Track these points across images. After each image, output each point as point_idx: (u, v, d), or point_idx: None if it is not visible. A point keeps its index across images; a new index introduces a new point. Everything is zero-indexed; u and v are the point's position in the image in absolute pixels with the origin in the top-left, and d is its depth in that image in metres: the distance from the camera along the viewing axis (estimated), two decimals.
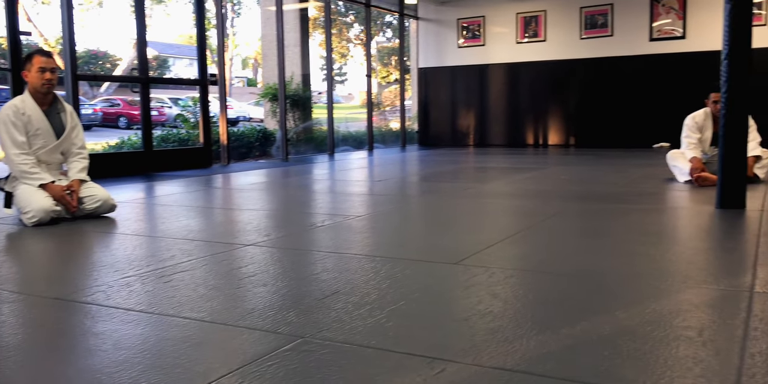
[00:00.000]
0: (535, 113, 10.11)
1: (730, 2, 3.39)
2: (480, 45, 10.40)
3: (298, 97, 9.69)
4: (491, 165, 7.11)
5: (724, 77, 3.43)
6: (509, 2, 9.99)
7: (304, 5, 10.48)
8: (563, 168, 6.32)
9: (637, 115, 9.18)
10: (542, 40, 9.90)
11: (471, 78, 10.55)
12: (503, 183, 5.13)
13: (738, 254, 2.47)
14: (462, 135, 10.73)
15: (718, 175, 3.50)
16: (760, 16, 8.47)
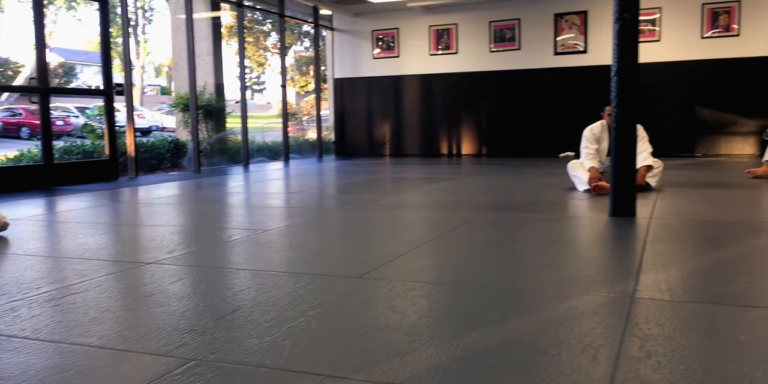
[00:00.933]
0: (449, 124, 10.34)
1: (618, 22, 3.60)
2: (394, 56, 10.56)
3: (212, 107, 9.50)
4: (405, 175, 7.21)
5: (614, 92, 3.63)
6: (422, 15, 10.20)
7: (216, 14, 10.31)
8: (473, 178, 6.50)
9: (544, 126, 9.56)
10: (454, 52, 10.15)
11: (386, 89, 10.68)
12: (415, 194, 5.21)
13: (624, 261, 2.62)
14: (378, 145, 10.84)
15: (611, 185, 3.70)
16: (654, 32, 9.02)
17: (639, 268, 2.42)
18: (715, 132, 8.87)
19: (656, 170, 4.92)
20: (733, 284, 2.17)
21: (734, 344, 1.58)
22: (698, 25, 8.82)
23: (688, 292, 2.08)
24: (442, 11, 10.06)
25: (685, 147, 8.98)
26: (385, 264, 2.57)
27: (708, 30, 8.80)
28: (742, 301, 1.97)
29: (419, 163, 8.86)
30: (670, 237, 3.07)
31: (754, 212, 3.88)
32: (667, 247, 2.82)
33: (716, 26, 8.78)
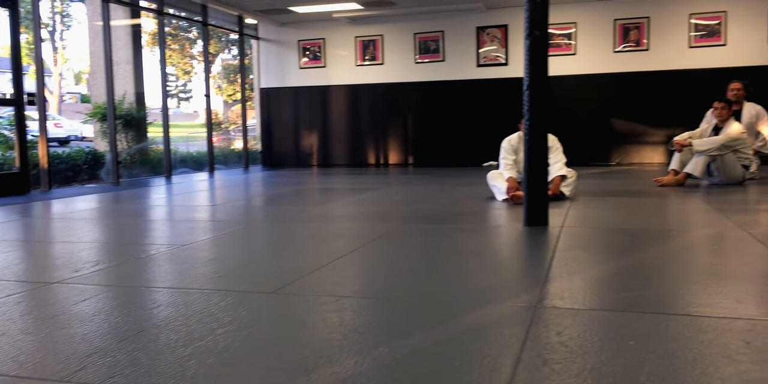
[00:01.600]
0: (376, 134, 10.43)
1: (528, 38, 3.74)
2: (321, 66, 10.57)
3: (131, 116, 9.23)
4: (331, 186, 7.22)
5: (527, 106, 3.76)
6: (348, 26, 10.26)
7: (135, 21, 10.05)
8: (398, 188, 6.57)
9: (468, 136, 9.78)
10: (380, 63, 10.26)
11: (313, 99, 10.67)
12: (339, 205, 5.23)
13: (534, 271, 2.71)
14: (306, 155, 10.80)
15: (524, 195, 3.82)
16: (570, 46, 9.40)
17: (546, 277, 2.51)
18: (628, 142, 9.31)
19: (570, 180, 5.11)
20: (632, 291, 2.28)
21: (625, 350, 1.66)
22: (611, 39, 9.25)
23: (589, 300, 2.17)
24: (368, 22, 10.16)
25: (600, 156, 9.37)
26: (301, 278, 2.57)
27: (620, 44, 9.24)
28: (639, 307, 2.07)
29: (346, 174, 8.89)
30: (578, 245, 3.19)
31: (659, 220, 4.09)
32: (574, 255, 2.94)
33: (627, 41, 9.24)
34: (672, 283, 2.40)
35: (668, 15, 8.99)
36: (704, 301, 2.14)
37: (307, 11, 9.57)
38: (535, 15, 3.68)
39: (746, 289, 2.27)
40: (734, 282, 2.38)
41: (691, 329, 1.83)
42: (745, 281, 2.38)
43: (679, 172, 5.90)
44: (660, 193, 5.47)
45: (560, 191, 5.01)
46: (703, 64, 8.85)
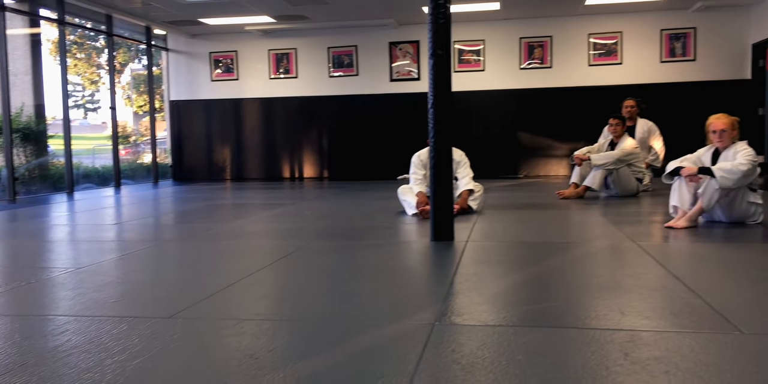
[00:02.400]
0: (290, 147, 10.37)
1: (432, 58, 3.84)
2: (234, 79, 10.43)
3: (30, 130, 8.77)
4: (243, 201, 7.11)
5: (432, 123, 3.85)
6: (261, 38, 10.19)
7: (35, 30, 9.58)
8: (311, 203, 6.55)
9: (383, 149, 9.88)
10: (294, 76, 10.23)
11: (226, 111, 10.50)
12: (249, 221, 5.15)
13: (436, 287, 2.76)
14: (218, 169, 10.59)
15: (431, 211, 3.90)
16: (480, 62, 9.70)
17: (448, 293, 2.57)
18: (535, 155, 9.68)
19: (477, 194, 5.26)
20: (528, 305, 2.37)
21: (515, 365, 1.72)
22: (517, 56, 9.61)
23: (486, 315, 2.24)
24: (281, 36, 10.12)
25: (509, 169, 9.69)
26: (202, 300, 2.51)
27: (525, 61, 9.62)
28: (532, 321, 2.15)
29: (260, 188, 8.77)
30: (481, 260, 3.29)
31: (558, 233, 4.27)
32: (476, 270, 3.02)
33: (532, 58, 9.63)
34: (565, 296, 2.51)
35: (569, 34, 9.44)
36: (592, 313, 2.26)
37: (219, 23, 9.44)
38: (438, 35, 3.79)
39: (630, 300, 2.40)
40: (621, 294, 2.51)
41: (578, 342, 1.92)
42: (630, 293, 2.53)
43: (579, 185, 6.19)
44: (561, 205, 5.71)
45: (468, 205, 5.14)
46: (601, 82, 9.34)
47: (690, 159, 4.33)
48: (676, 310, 2.26)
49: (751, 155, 4.03)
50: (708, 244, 3.70)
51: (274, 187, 8.89)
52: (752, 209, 4.17)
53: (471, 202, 5.18)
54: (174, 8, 8.40)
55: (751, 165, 3.98)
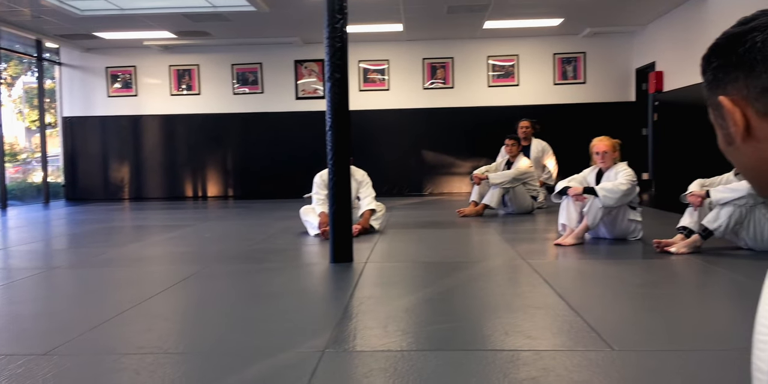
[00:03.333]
0: (193, 165, 10.11)
1: (330, 81, 3.87)
2: (132, 95, 10.08)
3: None
4: (140, 223, 6.85)
5: (330, 145, 3.88)
6: (161, 54, 9.92)
7: None
8: (212, 223, 6.40)
9: (289, 168, 9.80)
10: (197, 93, 10.02)
11: (124, 129, 10.12)
12: (145, 245, 4.97)
13: (330, 312, 2.76)
14: (116, 188, 10.17)
15: (330, 233, 3.91)
16: (384, 81, 9.86)
17: (342, 318, 2.57)
18: (439, 173, 9.90)
19: (379, 213, 5.32)
20: (419, 327, 2.41)
21: None
22: (420, 76, 9.85)
23: (375, 340, 2.26)
24: (183, 51, 9.90)
25: (414, 187, 9.87)
26: (82, 334, 2.39)
27: (428, 81, 9.87)
28: (419, 344, 2.19)
29: (160, 208, 8.48)
30: (378, 282, 3.32)
31: (455, 252, 4.37)
32: (372, 292, 3.05)
33: (435, 78, 9.89)
34: (455, 317, 2.57)
35: (470, 56, 9.77)
36: (479, 334, 2.32)
37: (116, 38, 9.11)
38: (335, 59, 3.83)
39: (516, 320, 2.50)
40: (507, 313, 2.60)
41: (462, 364, 1.97)
42: (516, 312, 2.62)
43: (478, 203, 6.38)
44: (462, 223, 5.86)
45: (370, 225, 5.19)
46: (500, 102, 9.71)
47: (576, 179, 4.57)
48: (556, 329, 2.37)
49: (630, 175, 4.30)
50: (592, 261, 3.90)
51: (175, 206, 8.61)
52: (633, 226, 4.44)
53: (373, 222, 5.23)
54: (67, 22, 8.04)
55: (631, 184, 4.25)
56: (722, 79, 0.69)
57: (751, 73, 0.66)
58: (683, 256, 3.77)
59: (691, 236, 3.87)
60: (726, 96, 0.68)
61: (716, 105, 0.70)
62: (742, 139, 0.68)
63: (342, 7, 3.75)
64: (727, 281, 3.29)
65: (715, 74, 0.70)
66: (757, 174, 0.70)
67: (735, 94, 0.68)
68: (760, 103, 0.66)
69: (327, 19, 3.77)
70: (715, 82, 0.70)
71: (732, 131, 0.69)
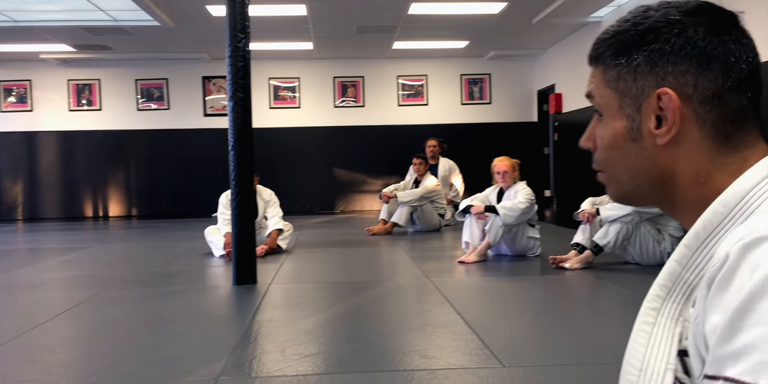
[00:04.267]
0: (94, 184, 9.67)
1: (232, 100, 3.83)
2: (27, 110, 9.56)
3: None
4: (33, 245, 6.47)
5: (233, 165, 3.82)
6: (58, 68, 9.47)
7: None
8: (112, 245, 6.14)
9: (197, 186, 9.52)
10: (98, 109, 9.62)
11: (17, 145, 9.56)
12: (36, 269, 4.69)
13: (227, 336, 2.69)
14: (8, 208, 9.56)
15: (233, 254, 3.83)
16: (295, 99, 9.83)
17: (240, 342, 2.51)
18: (350, 191, 9.94)
19: (287, 233, 5.26)
20: (316, 350, 2.39)
21: None
22: (331, 95, 9.89)
23: (272, 365, 2.23)
24: (82, 65, 9.49)
25: (326, 205, 9.84)
26: None
27: (339, 99, 9.92)
28: (314, 368, 2.17)
29: (57, 229, 8.05)
30: (281, 304, 3.28)
31: (362, 271, 4.38)
32: (274, 315, 3.01)
33: (346, 97, 9.96)
34: (354, 338, 2.57)
35: (380, 75, 9.91)
36: (378, 354, 2.33)
37: (9, 50, 8.63)
38: (237, 78, 3.79)
39: (414, 339, 2.52)
40: (407, 333, 2.63)
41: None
42: (415, 331, 2.65)
43: (387, 221, 6.44)
44: (371, 241, 5.89)
45: (277, 245, 5.12)
46: (410, 121, 9.88)
47: (479, 197, 4.71)
48: (452, 347, 2.42)
49: (529, 194, 4.47)
50: (493, 278, 4.02)
51: (73, 227, 8.19)
52: (532, 243, 4.61)
53: (280, 242, 5.17)
54: None
55: (529, 203, 4.42)
56: (663, 66, 0.61)
57: (705, 72, 0.60)
58: (577, 271, 3.95)
59: (584, 252, 4.06)
60: (665, 87, 0.61)
61: (639, 91, 0.63)
62: (669, 139, 0.61)
63: (244, 26, 3.73)
64: (615, 295, 3.47)
65: (652, 58, 0.62)
66: (645, 181, 0.65)
67: (675, 87, 0.61)
68: (704, 108, 0.60)
69: (229, 37, 3.73)
70: (649, 67, 0.62)
71: (651, 128, 0.62)
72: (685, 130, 0.61)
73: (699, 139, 0.61)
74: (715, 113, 0.61)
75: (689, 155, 0.61)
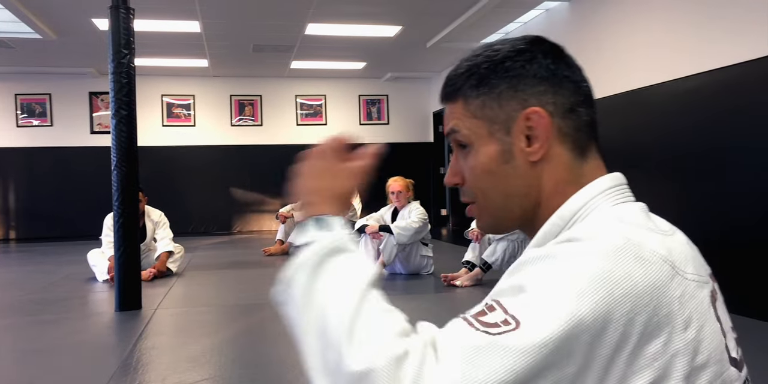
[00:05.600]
0: None
1: (115, 118, 3.67)
2: None
3: None
4: None
5: (115, 186, 3.65)
6: None
7: None
8: None
9: (83, 207, 9.02)
10: None
11: None
12: None
13: (103, 367, 2.54)
14: None
15: (115, 278, 3.65)
16: (190, 117, 9.56)
17: (117, 373, 2.38)
18: (248, 211, 9.74)
19: (177, 255, 5.08)
20: (196, 378, 2.31)
21: None
22: (228, 113, 9.71)
23: None
24: None
25: (222, 225, 9.59)
26: None
27: (236, 118, 9.76)
28: None
29: None
30: (166, 330, 3.14)
31: (254, 293, 4.26)
32: (157, 342, 2.87)
33: (243, 115, 9.81)
34: (241, 363, 2.50)
35: (278, 94, 9.85)
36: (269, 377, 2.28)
37: None
38: (121, 95, 3.65)
39: None
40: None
41: None
42: None
43: (284, 241, 6.36)
44: (266, 262, 5.79)
45: (167, 268, 4.93)
46: (309, 140, 9.78)
47: (374, 217, 4.75)
48: None
49: (422, 214, 4.56)
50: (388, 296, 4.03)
51: None
52: (425, 261, 4.69)
53: (170, 265, 4.97)
54: None
55: (422, 223, 4.50)
56: (524, 89, 0.65)
57: (560, 90, 0.65)
58: (467, 288, 4.04)
59: (474, 269, 4.17)
60: (533, 107, 0.65)
61: (506, 116, 0.66)
62: (541, 155, 0.65)
63: (129, 41, 3.60)
64: None
65: (512, 83, 0.66)
66: (518, 201, 0.67)
67: (538, 107, 0.65)
68: (564, 121, 0.65)
69: (112, 53, 3.60)
70: (512, 92, 0.66)
71: (523, 147, 0.65)
72: (552, 144, 0.65)
73: (561, 152, 0.66)
74: (572, 126, 0.66)
75: (554, 169, 0.66)
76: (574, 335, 0.51)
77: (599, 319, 0.51)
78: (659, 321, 0.53)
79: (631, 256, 0.55)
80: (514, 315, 0.53)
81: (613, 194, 0.65)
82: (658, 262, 0.56)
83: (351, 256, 0.63)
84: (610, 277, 0.53)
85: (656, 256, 0.56)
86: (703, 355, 0.56)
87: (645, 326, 0.53)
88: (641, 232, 0.59)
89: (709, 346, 0.56)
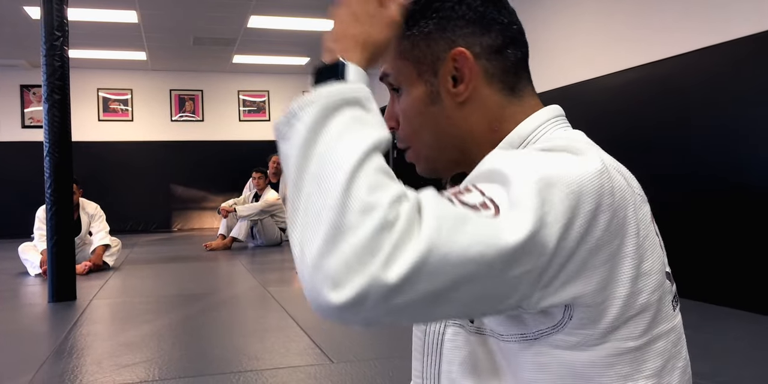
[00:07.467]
0: None
1: (48, 102, 3.55)
2: None
3: None
4: None
5: (47, 173, 3.53)
6: None
7: None
8: None
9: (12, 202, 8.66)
10: None
11: None
12: None
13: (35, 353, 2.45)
14: None
15: (48, 269, 3.52)
16: (128, 112, 9.30)
17: (50, 358, 2.30)
18: (188, 208, 9.54)
19: (114, 249, 4.94)
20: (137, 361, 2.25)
21: None
22: (168, 108, 9.49)
23: (88, 376, 2.06)
24: None
25: (162, 223, 9.36)
26: None
27: (177, 113, 9.55)
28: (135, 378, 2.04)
29: None
30: (101, 319, 3.05)
31: (196, 284, 4.20)
32: (92, 330, 2.79)
33: (184, 111, 9.61)
34: (181, 346, 2.46)
35: (220, 90, 9.69)
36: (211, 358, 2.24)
37: None
38: (54, 79, 3.53)
39: (248, 343, 2.46)
40: (239, 338, 2.56)
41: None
42: (248, 336, 2.59)
43: (226, 236, 6.27)
44: (208, 257, 5.69)
45: (103, 261, 4.78)
46: (252, 137, 9.73)
47: None
48: (284, 349, 2.39)
49: None
50: None
51: None
52: None
53: (106, 258, 4.83)
54: None
55: None
56: (452, 30, 0.66)
57: (487, 32, 0.66)
58: None
59: None
60: (459, 48, 0.65)
61: (434, 57, 0.66)
62: (467, 96, 0.66)
63: (62, 23, 3.49)
64: None
65: (441, 24, 0.66)
66: (449, 141, 0.68)
67: (465, 48, 0.65)
68: (491, 63, 0.66)
69: (44, 36, 3.48)
70: (440, 33, 0.66)
71: (449, 88, 0.66)
72: (477, 85, 0.66)
73: (489, 93, 0.66)
74: (499, 67, 0.67)
75: (483, 109, 0.66)
76: (546, 224, 0.51)
77: (568, 213, 0.53)
78: (618, 222, 0.56)
79: (597, 160, 0.57)
80: (492, 199, 0.52)
81: (559, 122, 0.68)
82: (615, 172, 0.59)
83: (368, 113, 0.55)
84: (581, 175, 0.55)
85: (612, 167, 0.59)
86: (648, 263, 0.58)
87: (607, 224, 0.55)
88: (600, 150, 0.62)
89: (652, 255, 0.59)
